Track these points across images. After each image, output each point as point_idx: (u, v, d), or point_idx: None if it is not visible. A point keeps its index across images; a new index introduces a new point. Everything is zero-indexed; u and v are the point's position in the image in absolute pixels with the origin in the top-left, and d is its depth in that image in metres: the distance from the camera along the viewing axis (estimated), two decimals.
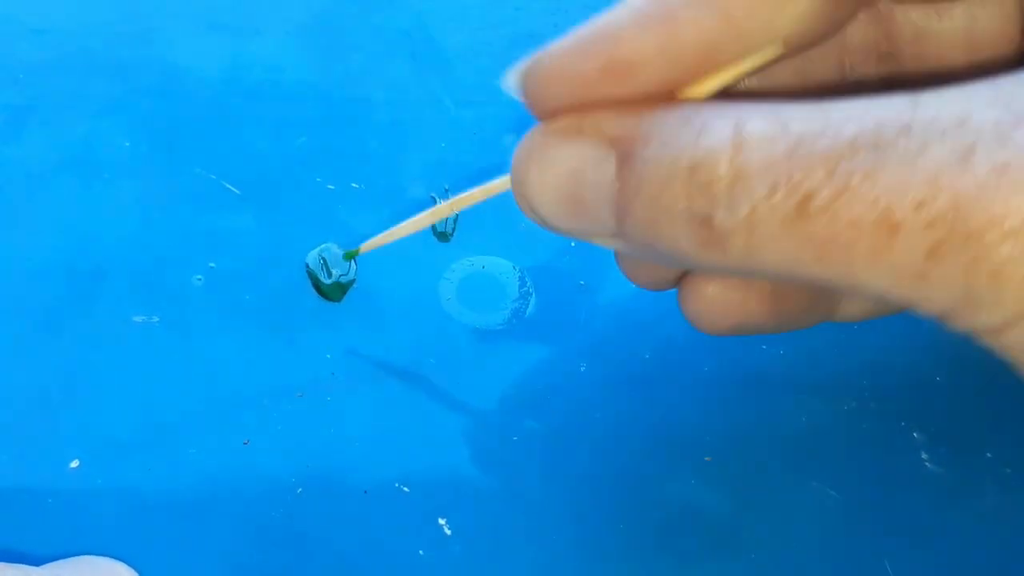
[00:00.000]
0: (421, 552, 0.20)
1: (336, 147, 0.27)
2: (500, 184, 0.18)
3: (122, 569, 0.19)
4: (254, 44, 0.29)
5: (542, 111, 0.16)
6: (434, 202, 0.26)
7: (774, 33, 0.15)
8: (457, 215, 0.26)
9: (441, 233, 0.25)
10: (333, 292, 0.24)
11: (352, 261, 0.24)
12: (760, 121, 0.14)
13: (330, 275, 0.24)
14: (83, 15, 0.30)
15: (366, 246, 0.23)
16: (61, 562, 0.19)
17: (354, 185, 0.26)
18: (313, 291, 0.24)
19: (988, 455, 0.22)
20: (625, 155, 0.15)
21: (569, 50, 0.15)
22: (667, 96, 0.15)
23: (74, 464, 0.21)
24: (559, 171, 0.16)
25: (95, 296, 0.24)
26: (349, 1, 0.31)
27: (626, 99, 0.15)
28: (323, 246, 0.25)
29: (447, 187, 0.26)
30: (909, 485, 0.22)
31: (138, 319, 0.23)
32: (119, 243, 0.25)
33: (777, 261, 0.14)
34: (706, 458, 0.22)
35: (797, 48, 0.16)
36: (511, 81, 0.16)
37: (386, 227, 0.25)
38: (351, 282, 0.24)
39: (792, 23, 0.15)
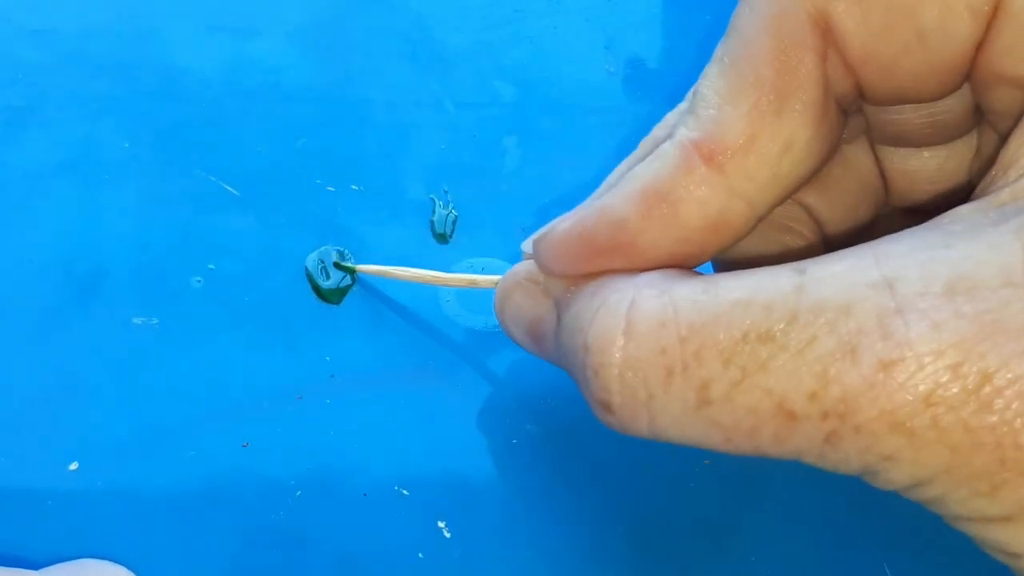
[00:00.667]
0: (420, 555, 0.20)
1: (336, 148, 0.27)
2: (489, 282, 0.21)
3: (121, 572, 0.19)
4: (254, 45, 0.29)
5: (553, 275, 0.17)
6: (433, 204, 0.26)
7: (778, 190, 0.15)
8: (456, 217, 0.26)
9: (440, 235, 0.26)
10: (332, 295, 0.24)
11: (344, 258, 0.25)
12: (651, 305, 0.14)
13: (329, 277, 0.24)
14: (83, 15, 0.30)
15: (363, 268, 0.24)
16: (60, 566, 0.19)
17: (354, 187, 0.26)
18: (312, 293, 0.24)
19: None
20: (557, 316, 0.16)
21: (576, 233, 0.16)
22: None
23: (73, 466, 0.21)
24: (522, 315, 0.18)
25: (94, 297, 0.23)
26: (349, 2, 0.31)
27: (634, 269, 0.15)
28: (322, 248, 0.25)
29: (446, 188, 0.26)
30: None
31: (137, 321, 0.23)
32: (119, 244, 0.25)
33: (686, 440, 0.14)
34: (705, 461, 0.22)
35: (797, 188, 0.16)
36: (527, 247, 0.18)
37: (386, 227, 0.26)
38: (350, 284, 0.24)
39: (793, 169, 0.15)
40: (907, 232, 0.13)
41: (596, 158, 0.27)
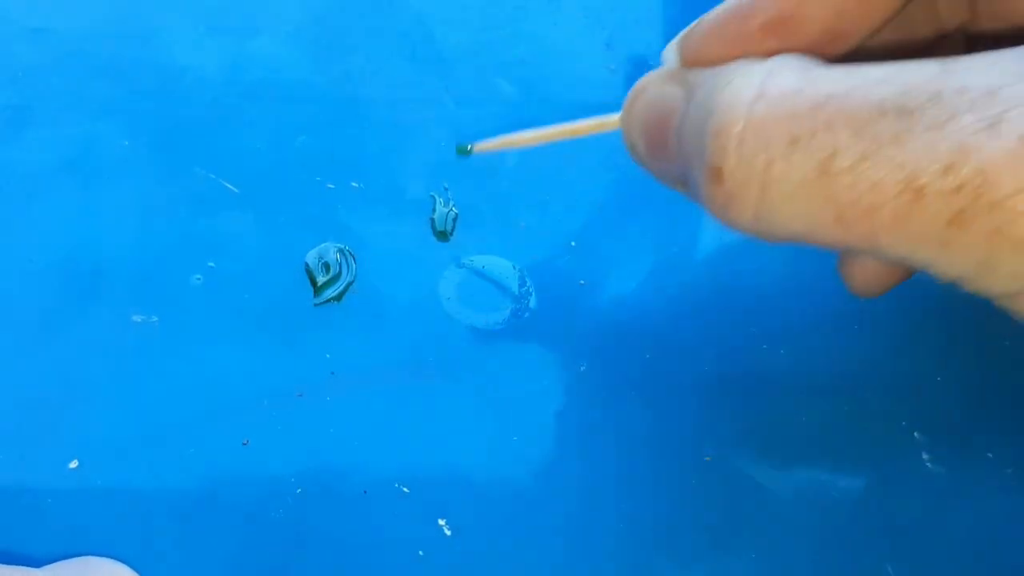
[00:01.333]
0: (421, 552, 0.20)
1: (336, 147, 0.27)
2: (615, 120, 0.19)
3: (122, 570, 0.19)
4: (253, 44, 0.29)
5: (700, 63, 0.16)
6: (433, 201, 0.26)
7: None
8: (456, 215, 0.26)
9: (440, 232, 0.25)
10: (333, 292, 0.24)
11: (344, 256, 0.24)
12: (789, 75, 0.13)
13: (328, 273, 0.24)
14: (83, 15, 0.30)
15: (480, 146, 0.22)
16: (61, 563, 0.19)
17: (354, 185, 0.26)
18: (312, 290, 0.24)
19: (989, 455, 0.22)
20: (687, 98, 0.15)
21: (730, 13, 0.15)
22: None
23: (73, 464, 0.21)
24: (648, 103, 0.16)
25: (94, 296, 0.23)
26: (349, 1, 0.31)
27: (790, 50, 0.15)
28: (322, 246, 0.25)
29: (446, 186, 0.26)
30: (910, 485, 0.22)
31: (137, 319, 0.23)
32: (118, 243, 0.25)
33: (792, 222, 0.13)
34: (706, 458, 0.22)
35: None
36: (668, 54, 0.17)
37: (386, 225, 0.25)
38: (351, 282, 0.24)
39: None
40: None
41: (596, 157, 0.27)
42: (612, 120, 0.19)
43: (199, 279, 0.24)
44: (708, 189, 0.14)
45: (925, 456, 0.22)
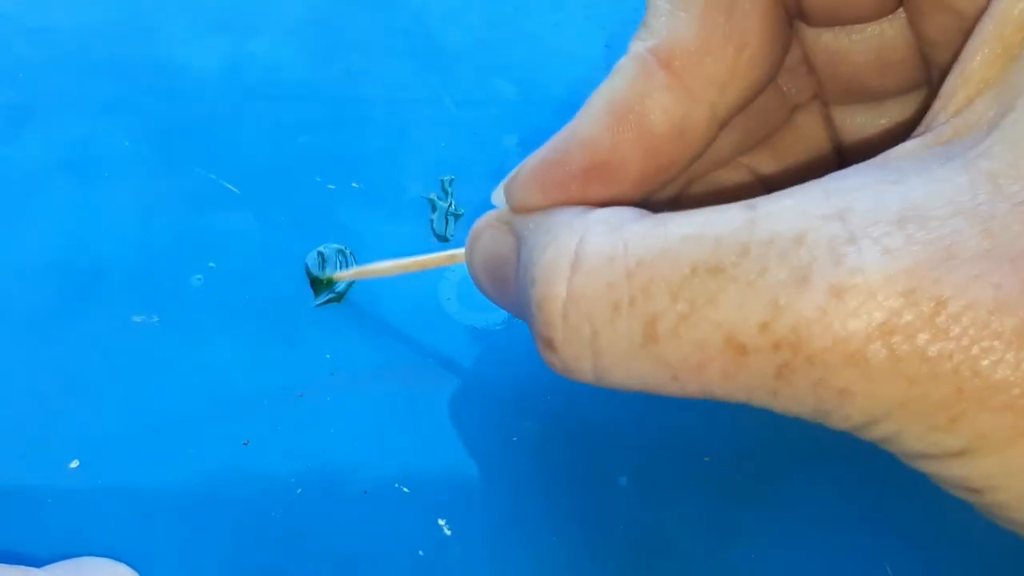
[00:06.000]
0: (421, 552, 0.20)
1: (336, 147, 0.27)
2: (462, 255, 0.20)
3: (122, 570, 0.19)
4: (254, 44, 0.29)
5: (524, 210, 0.16)
6: (431, 204, 0.26)
7: (737, 92, 0.15)
8: (458, 216, 0.26)
9: (440, 233, 0.26)
10: (332, 292, 0.24)
11: (344, 257, 0.24)
12: (601, 240, 0.14)
13: (328, 274, 0.24)
14: (83, 14, 0.30)
15: (340, 276, 0.24)
16: (62, 563, 0.19)
17: (354, 185, 0.26)
18: (312, 291, 0.24)
19: None
20: (518, 249, 0.16)
21: (546, 160, 0.16)
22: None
23: (74, 464, 0.21)
24: (485, 249, 0.17)
25: (94, 296, 0.24)
26: (349, 1, 0.31)
27: (612, 200, 0.15)
28: (322, 246, 0.25)
29: (447, 186, 0.26)
30: (910, 485, 0.22)
31: (137, 319, 0.23)
32: (118, 243, 0.25)
33: (631, 381, 0.14)
34: (705, 458, 0.22)
35: (755, 93, 0.16)
36: (497, 195, 0.17)
37: (386, 225, 0.25)
38: (351, 283, 0.24)
39: (749, 71, 0.15)
40: (853, 168, 0.13)
41: None
42: (461, 254, 0.20)
43: (199, 279, 0.24)
44: (545, 355, 0.14)
45: None
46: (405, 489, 0.21)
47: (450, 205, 0.26)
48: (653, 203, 0.17)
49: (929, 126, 0.13)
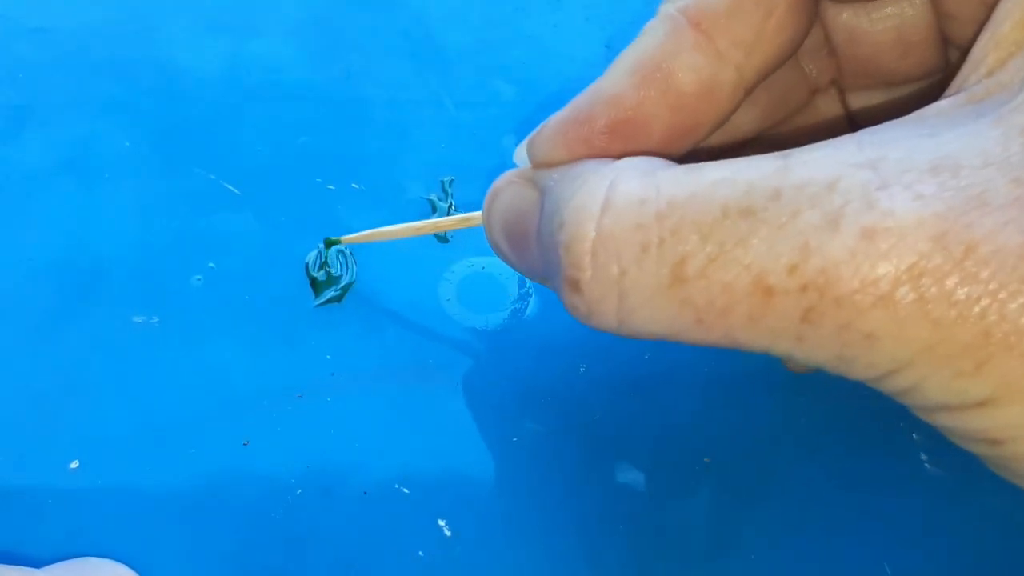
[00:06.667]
0: (421, 553, 0.20)
1: (336, 147, 0.27)
2: (477, 217, 0.20)
3: (123, 570, 0.19)
4: (254, 44, 0.29)
5: (548, 164, 0.16)
6: (431, 205, 0.26)
7: (763, 58, 0.15)
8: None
9: (440, 234, 0.25)
10: (332, 292, 0.24)
11: (344, 256, 0.24)
12: (632, 183, 0.14)
13: (328, 275, 0.24)
14: (83, 15, 0.30)
15: (347, 239, 0.23)
16: (62, 564, 0.19)
17: (354, 185, 0.26)
18: (312, 291, 0.24)
19: None
20: (541, 201, 0.16)
21: (572, 116, 0.16)
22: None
23: (74, 465, 0.21)
24: (505, 205, 0.17)
25: (95, 296, 0.23)
26: (349, 1, 0.31)
27: (637, 154, 0.15)
28: (322, 247, 0.25)
29: (447, 187, 0.26)
30: (909, 486, 0.22)
31: (138, 319, 0.23)
32: (119, 243, 0.25)
33: (654, 325, 0.14)
34: (705, 459, 0.22)
35: (780, 60, 0.16)
36: (519, 155, 0.17)
37: (385, 226, 0.25)
38: (351, 283, 0.24)
39: (775, 36, 0.15)
40: (887, 124, 0.13)
41: None
42: (476, 217, 0.20)
43: (199, 280, 0.24)
44: (569, 299, 0.14)
45: (923, 457, 0.22)
46: (405, 490, 0.21)
47: (450, 206, 0.26)
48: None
49: (961, 87, 0.13)
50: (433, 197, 0.26)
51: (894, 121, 0.13)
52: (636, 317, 0.14)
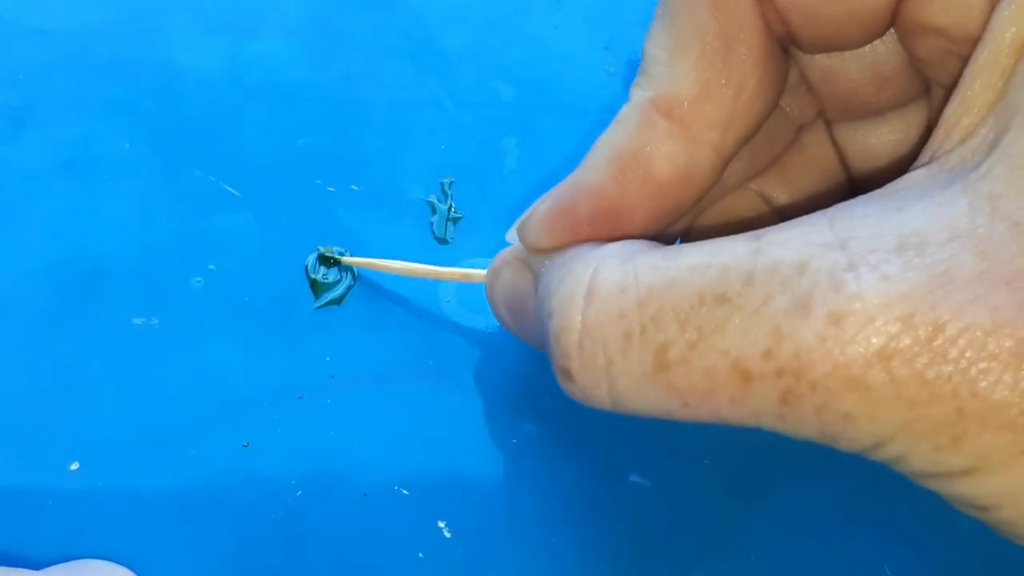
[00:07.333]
0: (421, 555, 0.20)
1: (336, 148, 0.27)
2: (479, 274, 0.21)
3: (122, 572, 0.19)
4: (254, 45, 0.29)
5: (539, 251, 0.17)
6: (431, 207, 0.26)
7: (738, 132, 0.16)
8: (456, 218, 0.26)
9: (440, 235, 0.26)
10: (332, 294, 0.24)
11: (337, 266, 0.25)
12: (614, 272, 0.14)
13: (329, 277, 0.24)
14: (83, 15, 0.30)
15: (351, 261, 0.24)
16: (61, 566, 0.19)
17: (354, 187, 0.26)
18: (312, 293, 0.24)
19: None
20: (536, 292, 0.16)
21: (555, 207, 0.16)
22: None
23: (74, 466, 0.21)
24: (505, 285, 0.18)
25: (94, 298, 0.23)
26: (348, 1, 0.31)
27: (622, 239, 0.16)
28: (322, 248, 0.25)
29: (447, 189, 0.26)
30: (909, 485, 0.22)
31: (137, 321, 0.23)
32: (118, 244, 0.25)
33: (645, 407, 0.14)
34: (705, 461, 0.22)
35: (757, 128, 0.16)
36: (511, 235, 0.18)
37: (386, 227, 0.26)
38: (351, 284, 0.24)
39: (748, 111, 0.16)
40: (861, 198, 0.13)
41: None
42: (477, 274, 0.21)
43: (199, 281, 0.24)
44: (564, 385, 0.15)
45: None
46: (405, 491, 0.21)
47: (450, 207, 0.26)
48: (665, 235, 0.17)
49: (934, 155, 0.13)
50: (433, 198, 0.26)
51: (867, 195, 0.13)
52: (627, 401, 0.14)
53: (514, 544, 0.21)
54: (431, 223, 0.26)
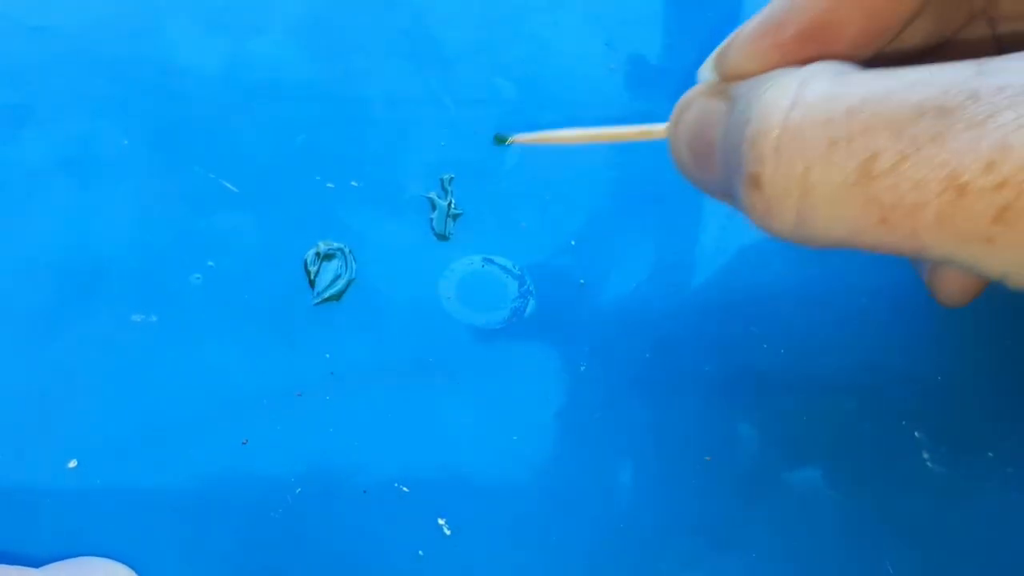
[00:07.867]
0: (420, 552, 0.20)
1: (335, 146, 0.27)
2: (660, 130, 0.19)
3: (121, 570, 0.19)
4: (253, 43, 0.29)
5: (739, 75, 0.16)
6: (431, 203, 0.26)
7: None
8: (456, 214, 0.26)
9: (440, 232, 0.25)
10: (332, 291, 0.24)
11: (343, 255, 0.24)
12: (824, 81, 0.13)
13: (328, 273, 0.24)
14: (82, 14, 0.30)
15: (518, 138, 0.22)
16: (60, 563, 0.19)
17: (353, 184, 0.26)
18: (312, 290, 0.24)
19: (990, 454, 0.22)
20: (729, 111, 0.15)
21: (764, 24, 0.15)
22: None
23: (72, 464, 0.21)
24: (693, 116, 0.17)
25: (93, 295, 0.23)
26: (349, 1, 0.31)
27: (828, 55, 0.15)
28: (321, 243, 0.25)
29: (447, 186, 0.26)
30: (910, 485, 0.22)
31: (137, 318, 0.23)
32: (118, 242, 0.25)
33: (834, 224, 0.13)
34: (706, 458, 0.22)
35: None
36: (704, 72, 0.17)
37: (385, 224, 0.25)
38: (350, 281, 0.24)
39: None
40: None
41: (597, 156, 0.27)
42: (658, 129, 0.19)
43: (198, 278, 0.24)
44: (748, 197, 0.14)
45: (925, 455, 0.22)
46: (405, 489, 0.21)
47: (450, 204, 0.26)
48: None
49: None
50: (432, 195, 0.26)
51: None
52: (816, 215, 0.13)
53: (513, 542, 0.20)
54: (431, 219, 0.26)
